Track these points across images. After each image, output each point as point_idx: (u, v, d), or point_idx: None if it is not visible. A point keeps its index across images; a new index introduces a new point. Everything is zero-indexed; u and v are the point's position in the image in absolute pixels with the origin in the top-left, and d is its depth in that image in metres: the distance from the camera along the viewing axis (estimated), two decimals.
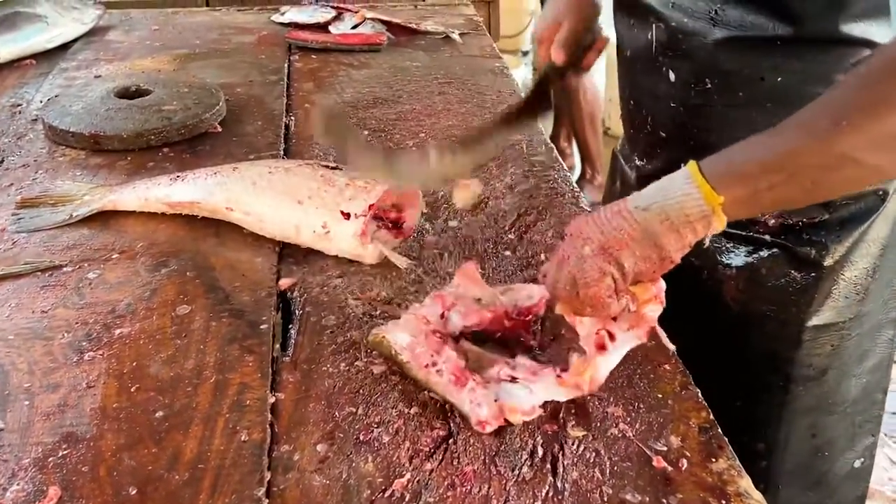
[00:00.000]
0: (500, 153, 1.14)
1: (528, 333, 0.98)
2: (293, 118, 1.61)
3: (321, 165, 1.22)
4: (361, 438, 0.85)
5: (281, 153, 1.47)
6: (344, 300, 1.07)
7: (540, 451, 0.83)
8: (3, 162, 1.43)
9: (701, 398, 0.91)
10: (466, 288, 1.00)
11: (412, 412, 0.88)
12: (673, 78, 1.12)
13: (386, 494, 0.78)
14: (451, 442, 0.84)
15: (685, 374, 0.94)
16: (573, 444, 0.84)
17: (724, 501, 0.78)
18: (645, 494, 0.79)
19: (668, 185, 0.86)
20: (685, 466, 0.82)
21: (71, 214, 1.24)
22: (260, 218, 1.18)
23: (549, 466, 0.81)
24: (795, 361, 1.13)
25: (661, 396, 0.91)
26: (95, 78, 1.78)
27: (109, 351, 0.97)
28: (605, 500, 0.78)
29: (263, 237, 1.19)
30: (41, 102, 1.65)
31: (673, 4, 1.08)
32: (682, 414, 0.88)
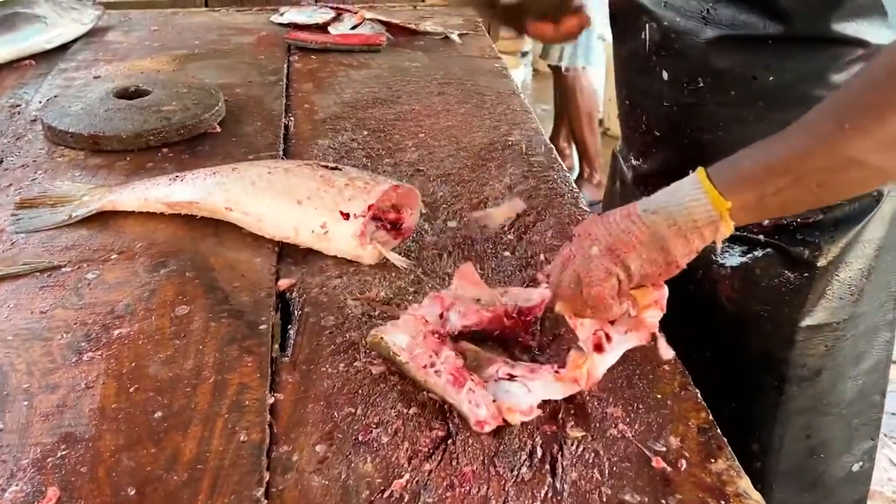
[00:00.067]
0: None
1: (527, 334, 0.98)
2: (292, 119, 1.61)
3: (320, 166, 1.22)
4: (360, 439, 0.85)
5: (280, 154, 1.47)
6: (343, 301, 1.07)
7: (539, 451, 0.83)
8: (2, 162, 1.43)
9: (700, 399, 0.91)
10: (465, 288, 1.00)
11: (411, 413, 0.88)
12: (666, 77, 1.12)
13: (385, 495, 0.78)
14: (449, 442, 0.84)
15: (684, 374, 0.94)
16: (572, 444, 0.84)
17: (723, 502, 0.78)
18: (644, 495, 0.79)
19: (676, 190, 0.86)
20: (684, 467, 0.82)
21: (70, 215, 1.24)
22: (259, 218, 1.18)
23: (548, 467, 0.81)
24: (789, 362, 1.13)
25: (660, 397, 0.91)
26: (94, 78, 1.78)
27: (108, 351, 0.97)
28: (604, 500, 0.78)
29: (262, 237, 1.19)
30: (40, 103, 1.65)
31: (665, 4, 1.08)
32: (681, 414, 0.88)
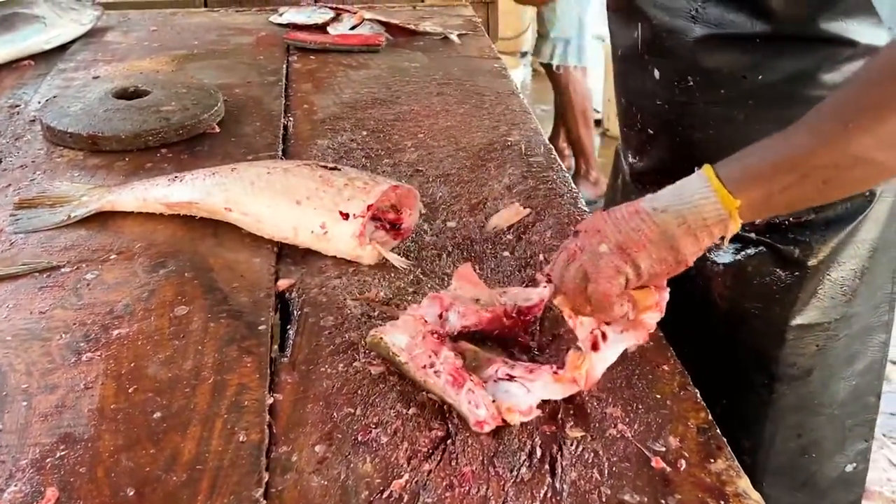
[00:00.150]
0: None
1: (526, 334, 0.98)
2: (291, 119, 1.61)
3: (320, 166, 1.22)
4: (360, 439, 0.85)
5: (279, 154, 1.47)
6: (342, 301, 1.07)
7: (538, 451, 0.83)
8: (1, 163, 1.43)
9: (699, 399, 0.91)
10: (464, 288, 1.00)
11: (410, 413, 0.88)
12: (658, 76, 1.12)
13: (384, 495, 0.78)
14: (449, 443, 0.84)
15: (684, 374, 0.94)
16: (572, 444, 0.84)
17: (722, 502, 0.78)
18: (643, 495, 0.78)
19: (683, 187, 0.86)
20: (684, 467, 0.82)
21: (69, 215, 1.24)
22: (258, 218, 1.18)
23: (547, 467, 0.81)
24: (780, 360, 1.14)
25: (659, 397, 0.91)
26: (94, 79, 1.78)
27: (107, 352, 0.97)
28: (603, 500, 0.78)
29: (262, 238, 1.19)
30: (39, 103, 1.65)
31: (656, 3, 1.09)
32: (680, 414, 0.88)
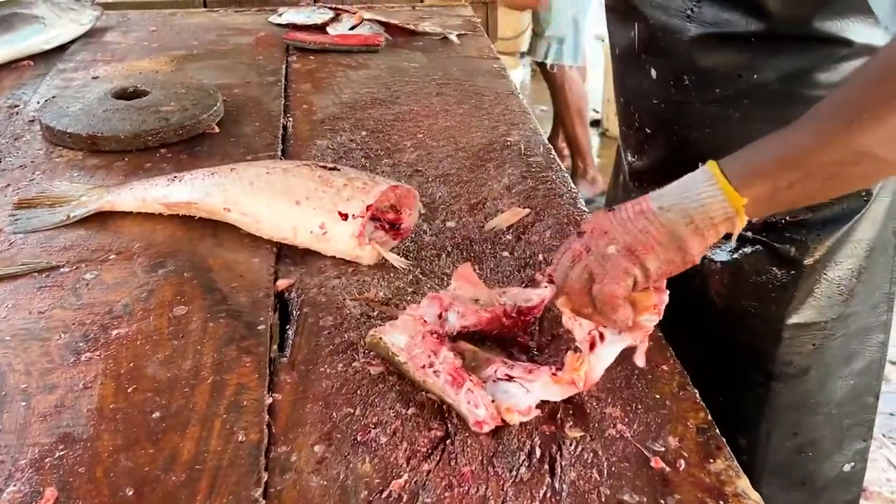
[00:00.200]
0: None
1: (525, 334, 0.98)
2: (291, 119, 1.61)
3: (319, 166, 1.22)
4: (359, 439, 0.84)
5: (279, 154, 1.47)
6: (342, 301, 1.07)
7: (538, 451, 0.83)
8: (0, 163, 1.43)
9: (699, 399, 0.91)
10: (464, 288, 1.00)
11: (410, 413, 0.88)
12: (654, 75, 1.12)
13: (383, 495, 0.78)
14: (448, 443, 0.84)
15: (683, 374, 0.94)
16: (571, 444, 0.84)
17: (721, 502, 0.78)
18: (643, 495, 0.78)
19: (689, 185, 0.85)
20: (683, 467, 0.82)
21: (68, 215, 1.24)
22: (257, 219, 1.18)
23: (546, 467, 0.81)
24: (776, 358, 1.14)
25: (658, 397, 0.91)
26: (93, 79, 1.78)
27: (106, 352, 0.97)
28: (602, 500, 0.78)
29: (261, 238, 1.19)
30: (38, 103, 1.65)
31: (652, 2, 1.09)
32: (679, 414, 0.88)
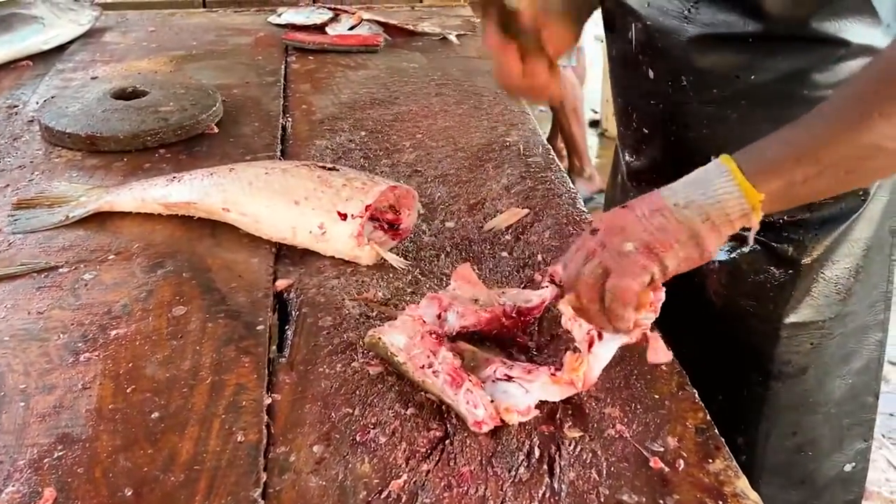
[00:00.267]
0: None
1: (524, 334, 0.98)
2: (290, 119, 1.61)
3: (318, 166, 1.22)
4: (358, 439, 0.84)
5: (278, 154, 1.47)
6: (340, 301, 1.06)
7: (537, 451, 0.83)
8: None
9: (697, 399, 0.91)
10: (463, 289, 1.00)
11: (409, 413, 0.88)
12: (652, 76, 1.12)
13: (382, 495, 0.78)
14: (447, 443, 0.84)
15: (682, 374, 0.94)
16: (570, 444, 0.84)
17: (720, 502, 0.78)
18: (642, 495, 0.78)
19: (703, 180, 0.84)
20: (682, 467, 0.82)
21: (67, 216, 1.24)
22: (256, 219, 1.18)
23: (545, 467, 0.81)
24: (775, 358, 1.14)
25: (657, 397, 0.91)
26: (92, 79, 1.78)
27: (105, 352, 0.97)
28: (601, 500, 0.78)
29: (260, 238, 1.19)
30: (37, 104, 1.65)
31: (649, 3, 1.09)
32: (678, 415, 0.88)
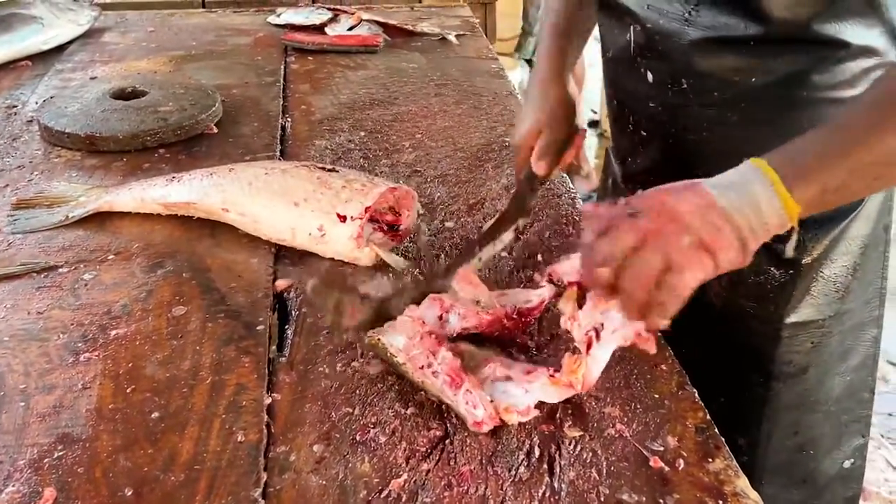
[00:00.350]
0: (484, 267, 1.10)
1: (524, 335, 0.98)
2: (289, 119, 1.61)
3: (317, 167, 1.22)
4: (358, 439, 0.85)
5: (277, 155, 1.47)
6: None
7: (537, 451, 0.83)
8: None
9: (697, 398, 0.91)
10: (464, 290, 1.00)
11: (409, 412, 0.88)
12: (651, 79, 1.12)
13: (382, 495, 0.78)
14: (447, 442, 0.84)
15: (682, 374, 0.94)
16: (570, 444, 0.84)
17: (720, 501, 0.78)
18: (642, 494, 0.79)
19: (744, 186, 0.82)
20: (682, 466, 0.82)
21: (67, 216, 1.24)
22: (255, 219, 1.18)
23: (545, 467, 0.81)
24: (776, 358, 1.14)
25: (657, 397, 0.91)
26: (91, 79, 1.78)
27: (105, 352, 0.97)
28: (601, 500, 0.78)
29: (259, 238, 1.18)
30: (37, 104, 1.65)
31: (648, 6, 1.09)
32: (678, 414, 0.89)
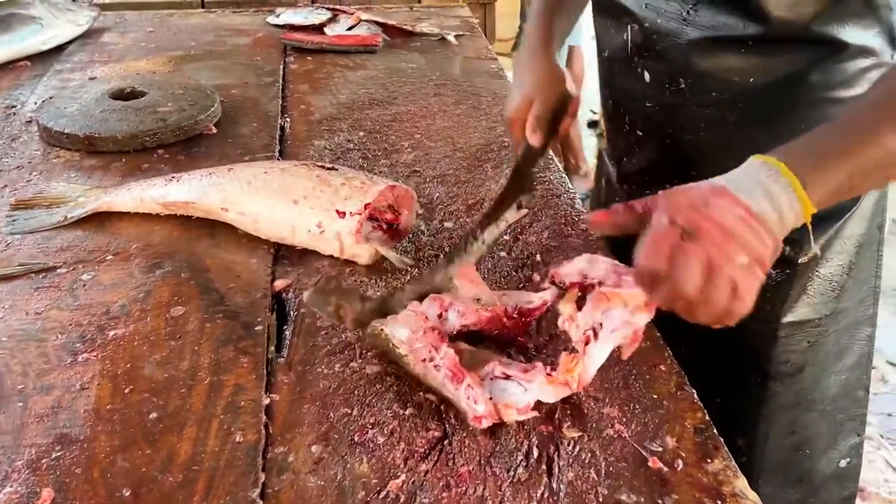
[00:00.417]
0: (488, 252, 1.08)
1: (524, 335, 0.98)
2: (288, 119, 1.61)
3: (317, 166, 1.22)
4: (356, 439, 0.84)
5: (276, 154, 1.47)
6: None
7: (535, 451, 0.83)
8: None
9: (696, 399, 0.91)
10: (465, 288, 1.00)
11: (407, 413, 0.88)
12: (648, 78, 1.12)
13: (381, 495, 0.78)
14: (446, 443, 0.84)
15: (680, 374, 0.94)
16: (569, 444, 0.84)
17: (719, 502, 0.78)
18: (640, 495, 0.78)
19: (772, 194, 0.82)
20: (681, 467, 0.82)
21: (65, 216, 1.24)
22: (255, 218, 1.18)
23: (544, 467, 0.81)
24: (773, 358, 1.14)
25: (656, 397, 0.91)
26: (90, 80, 1.78)
27: (103, 352, 0.97)
28: (600, 500, 0.78)
29: (258, 238, 1.18)
30: (36, 104, 1.65)
31: (646, 5, 1.09)
32: (677, 414, 0.88)
